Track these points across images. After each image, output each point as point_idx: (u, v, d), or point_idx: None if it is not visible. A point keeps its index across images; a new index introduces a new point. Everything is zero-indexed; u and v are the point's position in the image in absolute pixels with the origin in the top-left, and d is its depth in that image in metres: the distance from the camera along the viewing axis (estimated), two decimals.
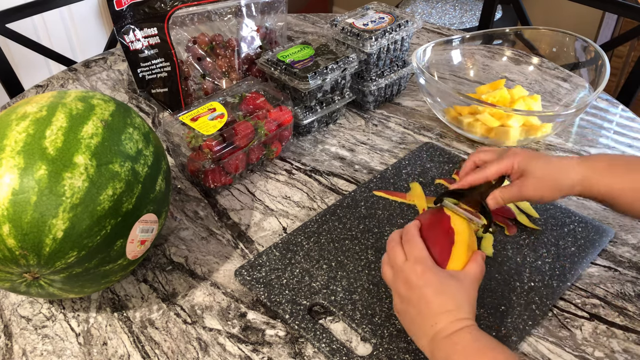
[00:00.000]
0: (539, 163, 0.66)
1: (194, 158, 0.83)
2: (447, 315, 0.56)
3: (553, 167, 0.66)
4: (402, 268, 0.60)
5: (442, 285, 0.57)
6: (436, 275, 0.58)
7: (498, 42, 1.12)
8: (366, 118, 1.05)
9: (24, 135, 0.58)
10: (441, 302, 0.56)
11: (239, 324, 0.67)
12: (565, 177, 0.65)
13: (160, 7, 1.00)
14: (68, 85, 1.17)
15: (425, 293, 0.57)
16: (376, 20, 1.01)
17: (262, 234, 0.80)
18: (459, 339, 0.54)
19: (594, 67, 0.99)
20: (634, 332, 0.65)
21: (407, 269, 0.59)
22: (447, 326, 0.55)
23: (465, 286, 0.58)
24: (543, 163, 0.66)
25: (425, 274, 0.58)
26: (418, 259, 0.59)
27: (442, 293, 0.57)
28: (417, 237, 0.61)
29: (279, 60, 0.95)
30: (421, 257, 0.59)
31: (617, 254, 0.75)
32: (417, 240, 0.61)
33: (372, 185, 0.86)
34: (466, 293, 0.58)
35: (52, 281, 0.60)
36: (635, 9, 1.20)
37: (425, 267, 0.58)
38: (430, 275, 0.58)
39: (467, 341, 0.54)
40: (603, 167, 0.66)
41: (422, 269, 0.58)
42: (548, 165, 0.66)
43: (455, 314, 0.56)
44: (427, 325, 0.56)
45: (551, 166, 0.66)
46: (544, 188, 0.65)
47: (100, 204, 0.58)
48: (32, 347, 0.65)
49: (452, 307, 0.56)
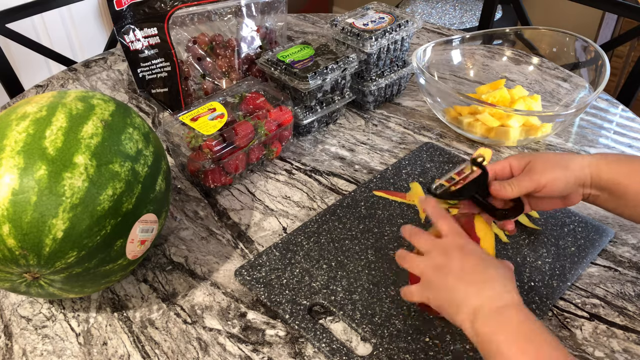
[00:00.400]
0: (541, 154, 0.66)
1: (194, 158, 0.83)
2: (494, 285, 0.52)
3: (558, 155, 0.66)
4: (439, 243, 0.57)
5: (484, 260, 0.55)
6: (478, 249, 0.57)
7: (498, 42, 1.12)
8: (366, 118, 1.05)
9: (24, 135, 0.58)
10: (487, 272, 0.53)
11: (239, 324, 0.67)
12: (573, 160, 0.65)
13: (160, 7, 1.00)
14: (68, 85, 1.17)
15: (470, 260, 0.54)
16: (376, 20, 1.01)
17: (262, 234, 0.80)
18: (507, 316, 0.50)
19: (594, 67, 0.99)
20: (634, 332, 0.65)
21: (448, 241, 0.57)
22: (495, 297, 0.51)
23: (505, 268, 0.56)
24: (545, 154, 0.66)
25: (468, 245, 0.56)
26: (458, 232, 0.58)
27: (487, 265, 0.54)
28: (450, 217, 0.60)
29: (279, 60, 0.95)
30: (460, 231, 0.58)
31: (617, 254, 0.75)
32: (450, 220, 0.59)
33: (372, 185, 0.86)
34: (509, 272, 0.55)
35: (52, 281, 0.60)
36: (635, 9, 1.20)
37: (466, 240, 0.57)
38: (473, 246, 0.57)
39: (516, 321, 0.50)
40: (612, 158, 0.65)
41: (464, 240, 0.57)
42: (552, 154, 0.66)
43: (503, 285, 0.52)
44: (472, 292, 0.52)
45: (556, 155, 0.66)
46: (554, 168, 0.64)
47: (100, 204, 0.58)
48: (32, 347, 0.65)
49: (498, 279, 0.53)
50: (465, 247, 0.56)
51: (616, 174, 0.63)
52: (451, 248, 0.56)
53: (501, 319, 0.50)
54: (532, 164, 0.65)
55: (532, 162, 0.65)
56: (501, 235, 0.76)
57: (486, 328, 0.50)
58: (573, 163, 0.65)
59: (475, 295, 0.52)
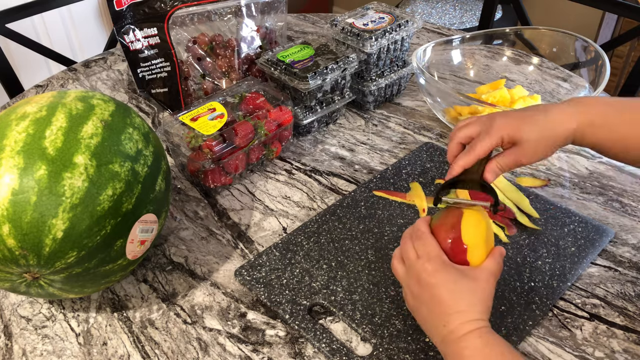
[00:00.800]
0: (530, 127, 0.63)
1: (193, 158, 0.83)
2: (457, 316, 0.54)
3: (545, 127, 0.63)
4: (413, 265, 0.58)
5: (454, 284, 0.56)
6: (448, 274, 0.56)
7: (498, 42, 1.12)
8: (366, 118, 1.05)
9: (24, 135, 0.58)
10: (452, 302, 0.55)
11: (239, 324, 0.67)
12: (560, 132, 0.63)
13: (160, 7, 1.00)
14: (68, 85, 1.17)
15: (436, 293, 0.56)
16: (376, 20, 1.01)
17: (262, 234, 0.80)
18: (468, 342, 0.53)
19: (594, 67, 0.99)
20: (634, 332, 0.65)
21: (418, 266, 0.58)
22: (457, 328, 0.54)
23: (480, 284, 0.56)
24: (534, 125, 0.63)
25: (437, 272, 0.56)
26: (429, 257, 0.57)
27: (454, 292, 0.55)
28: (427, 233, 0.60)
29: (279, 60, 0.95)
30: (432, 255, 0.58)
31: (617, 254, 0.75)
32: (427, 237, 0.59)
33: (372, 185, 0.86)
34: (481, 291, 0.56)
35: (52, 281, 0.60)
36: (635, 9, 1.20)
37: (437, 265, 0.57)
38: (442, 274, 0.56)
39: (476, 346, 0.53)
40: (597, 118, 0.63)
41: (433, 267, 0.57)
42: (540, 127, 0.63)
43: (466, 315, 0.54)
44: (439, 325, 0.55)
45: (543, 127, 0.63)
46: (540, 150, 0.63)
47: (100, 204, 0.58)
48: (32, 347, 0.65)
49: (463, 308, 0.55)
50: (435, 274, 0.57)
51: (597, 140, 0.63)
52: (423, 275, 0.57)
53: (462, 346, 0.53)
54: (519, 145, 0.63)
55: (519, 143, 0.63)
56: (501, 236, 0.76)
57: (451, 356, 0.55)
58: (559, 138, 0.63)
59: (443, 327, 0.55)
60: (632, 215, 0.81)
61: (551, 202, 0.82)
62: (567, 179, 0.88)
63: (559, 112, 0.63)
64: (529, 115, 0.64)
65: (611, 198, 0.84)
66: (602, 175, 0.89)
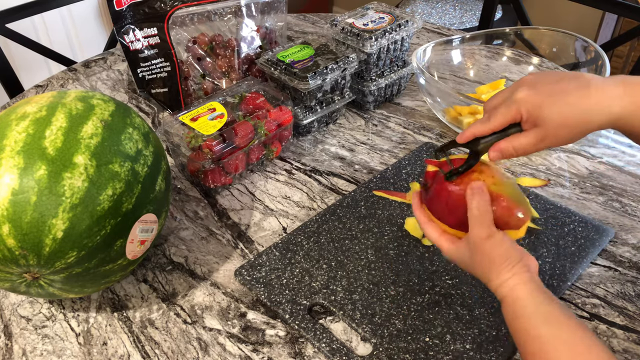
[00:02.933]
0: (556, 108, 0.52)
1: (193, 158, 0.83)
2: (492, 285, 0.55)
3: (577, 109, 0.52)
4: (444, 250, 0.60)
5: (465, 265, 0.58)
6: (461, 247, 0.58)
7: (498, 42, 1.12)
8: (366, 118, 1.05)
9: (24, 135, 0.58)
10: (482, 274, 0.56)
11: (239, 324, 0.67)
12: (595, 119, 0.52)
13: (160, 7, 1.00)
14: (68, 85, 1.17)
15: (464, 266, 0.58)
16: (376, 20, 1.01)
17: (262, 234, 0.80)
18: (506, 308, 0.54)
19: (594, 67, 0.99)
20: (634, 332, 0.65)
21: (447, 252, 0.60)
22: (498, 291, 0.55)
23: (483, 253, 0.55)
24: (562, 106, 0.52)
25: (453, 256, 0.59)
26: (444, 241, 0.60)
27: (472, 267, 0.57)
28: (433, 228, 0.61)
29: (279, 60, 0.95)
30: (432, 239, 0.60)
31: (617, 254, 0.75)
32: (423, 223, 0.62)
33: (372, 185, 0.86)
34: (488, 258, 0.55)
35: (52, 281, 0.60)
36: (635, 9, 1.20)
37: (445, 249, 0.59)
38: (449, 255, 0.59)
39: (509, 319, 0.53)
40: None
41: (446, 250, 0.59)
42: (570, 109, 0.52)
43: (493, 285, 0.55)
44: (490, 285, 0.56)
45: (574, 109, 0.52)
46: (565, 135, 0.53)
47: (100, 204, 0.58)
48: (32, 347, 0.65)
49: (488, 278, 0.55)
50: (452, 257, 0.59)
51: None
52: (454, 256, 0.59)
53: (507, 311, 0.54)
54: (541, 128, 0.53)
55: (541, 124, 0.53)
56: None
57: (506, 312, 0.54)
58: (592, 124, 0.52)
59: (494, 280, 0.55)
60: (632, 215, 0.81)
61: (551, 202, 0.82)
62: (567, 179, 0.88)
63: (599, 92, 0.52)
64: (559, 90, 0.53)
65: (611, 198, 0.84)
66: (602, 175, 0.89)
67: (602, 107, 0.52)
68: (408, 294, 0.69)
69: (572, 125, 0.53)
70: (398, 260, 0.73)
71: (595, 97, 0.52)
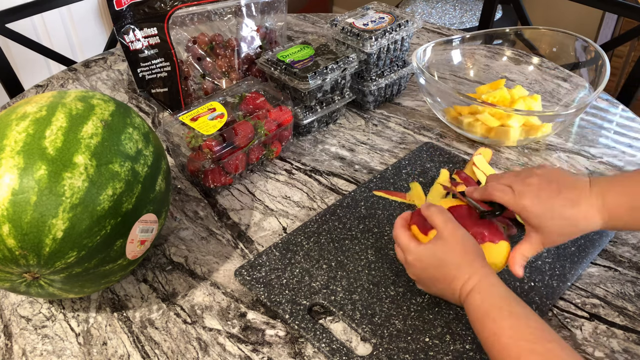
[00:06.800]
0: (556, 222, 0.62)
1: (194, 158, 0.83)
2: (456, 283, 0.60)
3: (571, 222, 0.62)
4: (405, 261, 0.66)
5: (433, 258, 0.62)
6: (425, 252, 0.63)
7: (498, 42, 1.12)
8: (366, 118, 1.05)
9: (24, 135, 0.58)
10: (441, 275, 0.62)
11: (239, 324, 0.67)
12: (583, 228, 0.62)
13: (160, 7, 1.00)
14: (68, 85, 1.17)
15: (428, 274, 0.63)
16: (376, 20, 1.01)
17: (262, 234, 0.80)
18: (469, 305, 0.58)
19: (594, 67, 0.99)
20: (634, 332, 0.65)
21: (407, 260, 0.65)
22: (461, 293, 0.60)
23: (449, 244, 0.61)
24: (560, 220, 0.62)
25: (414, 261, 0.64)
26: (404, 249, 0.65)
27: (438, 267, 0.62)
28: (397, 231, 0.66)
29: (279, 60, 0.95)
30: (404, 246, 0.65)
31: (617, 254, 0.75)
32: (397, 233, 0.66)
33: (372, 185, 0.86)
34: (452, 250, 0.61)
35: (52, 281, 0.60)
36: (635, 9, 1.20)
37: (408, 254, 0.64)
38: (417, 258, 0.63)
39: (475, 306, 0.58)
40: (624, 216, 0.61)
41: (412, 256, 0.64)
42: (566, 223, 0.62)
43: (458, 281, 0.60)
44: (453, 296, 0.62)
45: (570, 223, 0.62)
46: (560, 241, 0.65)
47: (100, 204, 0.58)
48: (32, 347, 0.65)
49: (453, 274, 0.60)
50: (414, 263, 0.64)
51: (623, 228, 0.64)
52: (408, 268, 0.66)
53: (468, 309, 0.59)
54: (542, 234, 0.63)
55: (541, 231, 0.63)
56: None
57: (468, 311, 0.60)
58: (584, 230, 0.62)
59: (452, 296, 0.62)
60: None
61: None
62: None
63: (587, 206, 0.61)
64: (559, 205, 0.61)
65: None
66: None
67: (589, 221, 0.62)
68: (408, 294, 0.69)
69: (567, 235, 0.64)
70: (398, 260, 0.73)
71: (584, 213, 0.61)
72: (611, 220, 0.61)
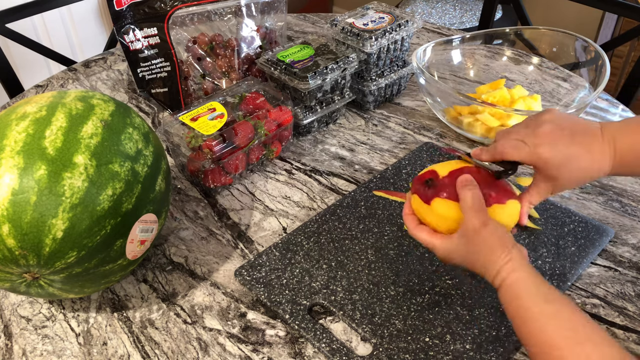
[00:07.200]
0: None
1: (193, 158, 0.83)
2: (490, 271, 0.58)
3: (586, 171, 0.61)
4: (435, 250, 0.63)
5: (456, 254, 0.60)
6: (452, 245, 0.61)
7: (498, 42, 1.12)
8: (366, 118, 1.05)
9: (24, 135, 0.58)
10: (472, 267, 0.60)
11: (239, 324, 0.67)
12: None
13: (160, 7, 1.00)
14: (68, 85, 1.17)
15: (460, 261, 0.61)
16: (376, 20, 1.01)
17: (262, 234, 0.80)
18: (502, 298, 0.56)
19: (594, 67, 0.99)
20: (634, 332, 0.65)
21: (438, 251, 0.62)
22: (497, 276, 0.57)
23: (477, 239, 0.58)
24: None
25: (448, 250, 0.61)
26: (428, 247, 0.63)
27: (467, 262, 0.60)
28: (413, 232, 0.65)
29: (279, 60, 0.95)
30: (423, 240, 0.63)
31: (617, 254, 0.75)
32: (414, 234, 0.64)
33: (372, 185, 0.86)
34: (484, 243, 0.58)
35: (52, 281, 0.60)
36: (635, 9, 1.20)
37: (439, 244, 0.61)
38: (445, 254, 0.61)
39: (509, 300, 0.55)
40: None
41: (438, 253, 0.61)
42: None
43: (489, 274, 0.57)
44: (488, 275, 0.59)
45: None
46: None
47: (100, 204, 0.58)
48: (32, 347, 0.65)
49: (480, 269, 0.59)
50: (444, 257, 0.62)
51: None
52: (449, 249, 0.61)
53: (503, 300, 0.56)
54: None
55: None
56: None
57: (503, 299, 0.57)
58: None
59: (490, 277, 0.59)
60: (632, 215, 0.81)
61: (551, 202, 0.82)
62: None
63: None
64: (575, 154, 0.60)
65: (611, 198, 0.84)
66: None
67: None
68: (408, 294, 0.69)
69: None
70: (398, 260, 0.73)
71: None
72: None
